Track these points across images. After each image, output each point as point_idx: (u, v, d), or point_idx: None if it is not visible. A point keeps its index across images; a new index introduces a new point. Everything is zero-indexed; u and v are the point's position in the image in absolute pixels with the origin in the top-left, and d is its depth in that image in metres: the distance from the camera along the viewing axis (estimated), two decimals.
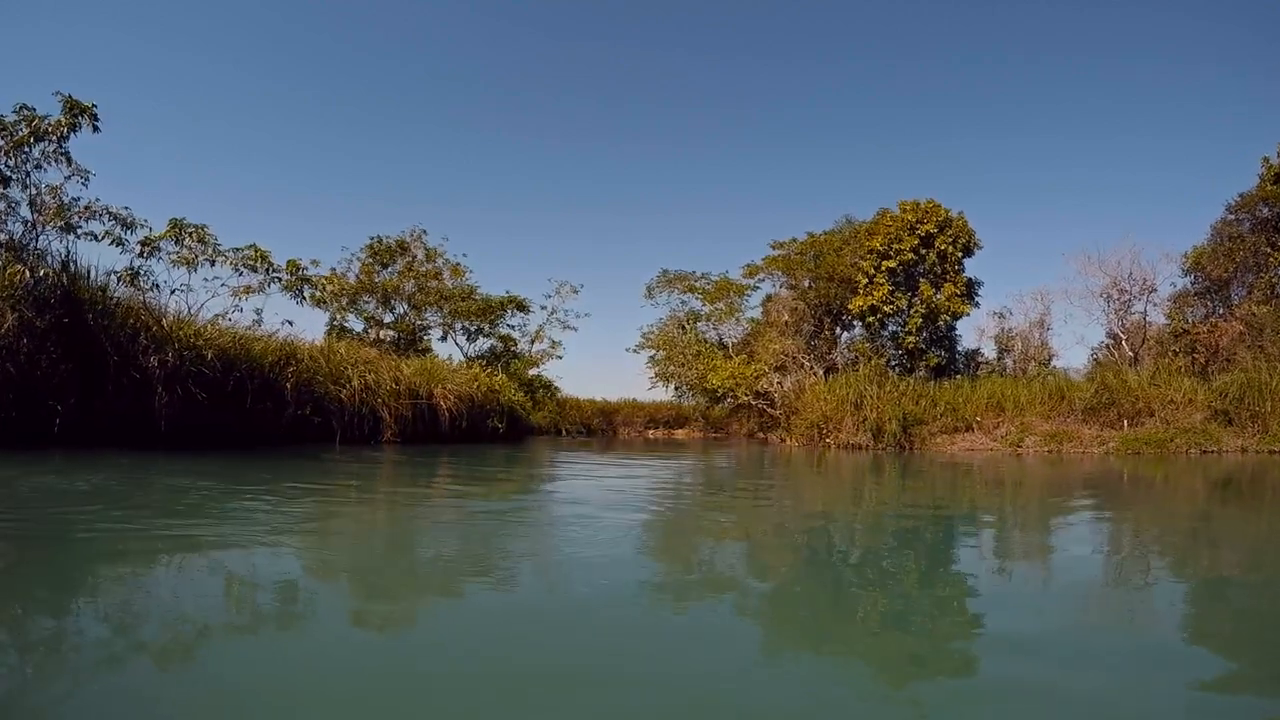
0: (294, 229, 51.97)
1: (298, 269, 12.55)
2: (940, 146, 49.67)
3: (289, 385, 14.15)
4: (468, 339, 28.78)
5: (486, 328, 28.38)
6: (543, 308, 29.96)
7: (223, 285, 12.41)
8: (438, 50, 51.83)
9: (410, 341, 27.53)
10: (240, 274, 12.20)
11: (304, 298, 12.86)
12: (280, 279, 12.57)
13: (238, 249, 11.99)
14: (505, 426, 18.73)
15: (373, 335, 27.81)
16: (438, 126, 53.60)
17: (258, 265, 12.19)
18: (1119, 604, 3.43)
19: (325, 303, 27.96)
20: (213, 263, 11.75)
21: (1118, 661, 2.42)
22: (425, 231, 28.82)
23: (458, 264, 28.43)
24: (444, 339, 29.08)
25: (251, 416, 13.39)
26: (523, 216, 56.57)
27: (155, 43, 42.72)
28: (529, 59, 53.40)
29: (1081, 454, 18.32)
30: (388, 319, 28.36)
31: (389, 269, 28.40)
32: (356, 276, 27.97)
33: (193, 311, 12.39)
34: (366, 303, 27.69)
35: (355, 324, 28.06)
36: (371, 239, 28.49)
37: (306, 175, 51.36)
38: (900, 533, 5.67)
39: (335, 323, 27.61)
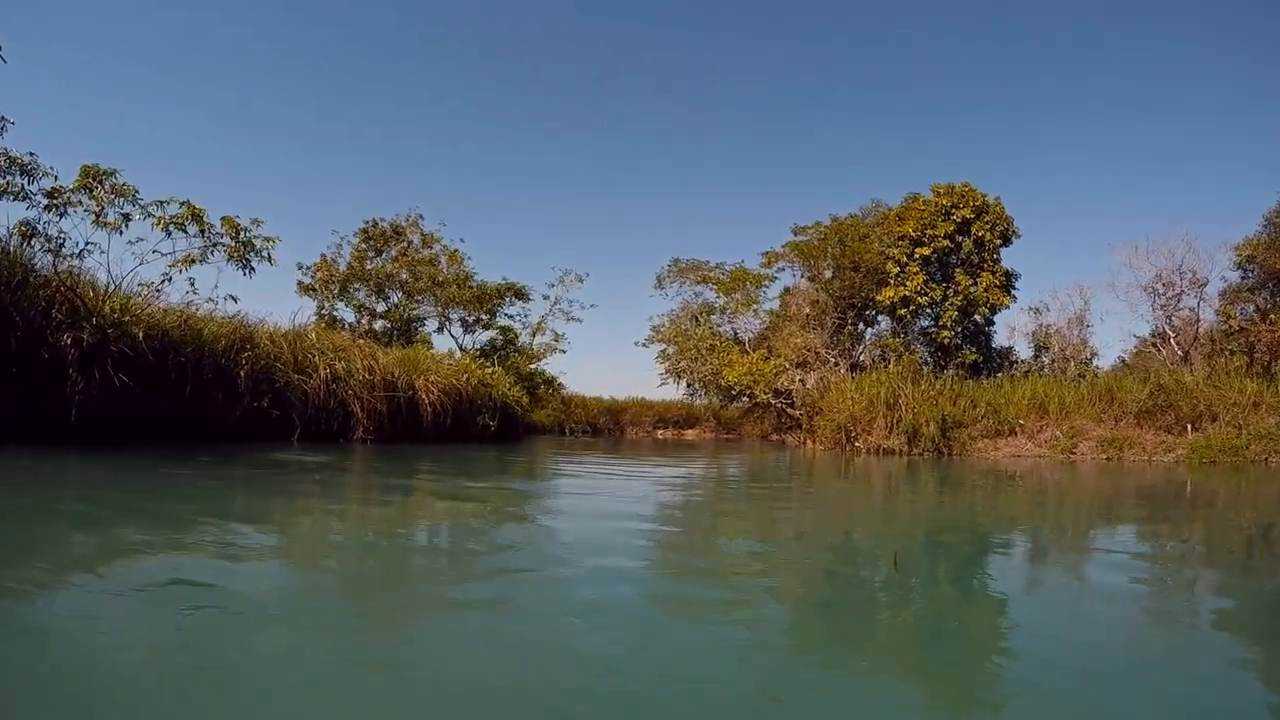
0: (284, 214, 50.08)
1: (238, 230, 10.63)
2: (968, 132, 47.24)
3: (243, 373, 12.31)
4: (465, 330, 26.85)
5: (485, 318, 26.39)
6: (545, 297, 27.96)
7: (154, 251, 10.51)
8: (438, 31, 49.97)
9: (404, 332, 25.72)
10: (170, 236, 10.30)
11: (251, 268, 10.93)
12: (222, 244, 10.67)
13: (161, 202, 10.07)
14: (497, 424, 16.80)
15: (364, 325, 26.04)
16: (436, 111, 51.73)
17: (187, 225, 10.27)
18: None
19: (315, 290, 26.33)
20: (127, 219, 9.82)
21: None
22: (422, 216, 27.02)
23: (455, 250, 26.57)
24: (440, 331, 27.23)
25: (195, 408, 11.55)
26: (524, 206, 54.64)
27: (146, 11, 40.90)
28: (528, 38, 51.47)
29: (1146, 461, 16.26)
30: (381, 308, 26.55)
31: (383, 255, 26.61)
32: (348, 263, 26.20)
33: (117, 282, 10.53)
34: (357, 290, 25.85)
35: (346, 313, 26.25)
36: (365, 223, 26.70)
37: (299, 156, 49.52)
38: (981, 581, 3.72)
39: (325, 311, 25.82)
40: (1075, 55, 44.15)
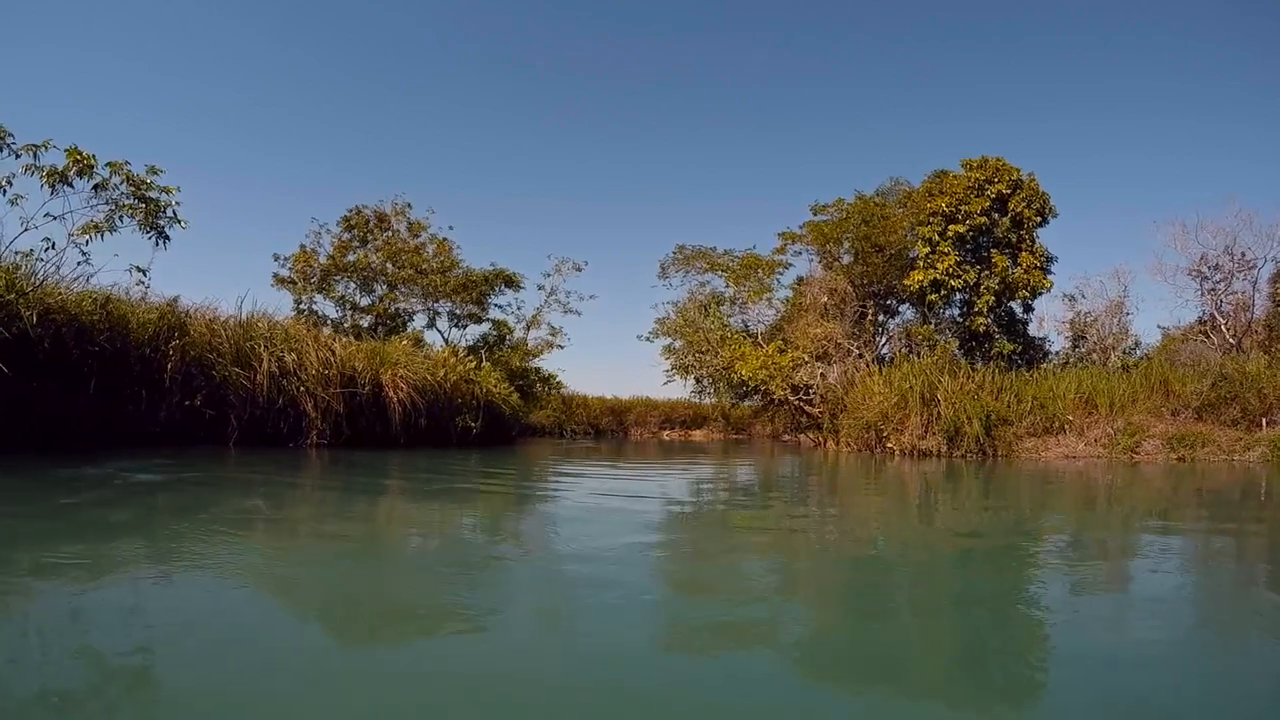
0: (280, 212, 48.11)
1: (138, 185, 8.60)
2: (974, 120, 44.81)
3: (170, 365, 10.35)
4: (455, 325, 24.79)
5: (475, 310, 24.34)
6: (540, 288, 25.88)
7: (47, 215, 8.53)
8: (436, 31, 47.92)
9: (391, 327, 23.76)
10: (56, 192, 8.32)
11: (165, 236, 8.94)
12: (125, 203, 8.66)
13: (35, 146, 8.04)
14: (484, 426, 14.76)
15: (350, 320, 24.14)
16: (435, 109, 49.66)
17: (73, 179, 8.28)
18: None
19: (294, 282, 24.39)
20: None
21: None
22: (410, 205, 24.99)
23: (444, 239, 24.56)
24: (430, 325, 25.20)
25: (108, 406, 9.61)
26: (520, 202, 52.45)
27: None
28: (527, 30, 49.34)
29: (1226, 462, 14.18)
30: (365, 302, 24.58)
31: (369, 245, 24.64)
32: (328, 254, 24.24)
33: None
34: (338, 282, 23.89)
35: (327, 308, 24.28)
36: (349, 211, 24.72)
37: (296, 155, 47.49)
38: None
39: (304, 306, 23.89)
40: (1083, 46, 41.83)
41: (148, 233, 8.90)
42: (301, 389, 11.29)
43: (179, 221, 9.08)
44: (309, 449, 11.16)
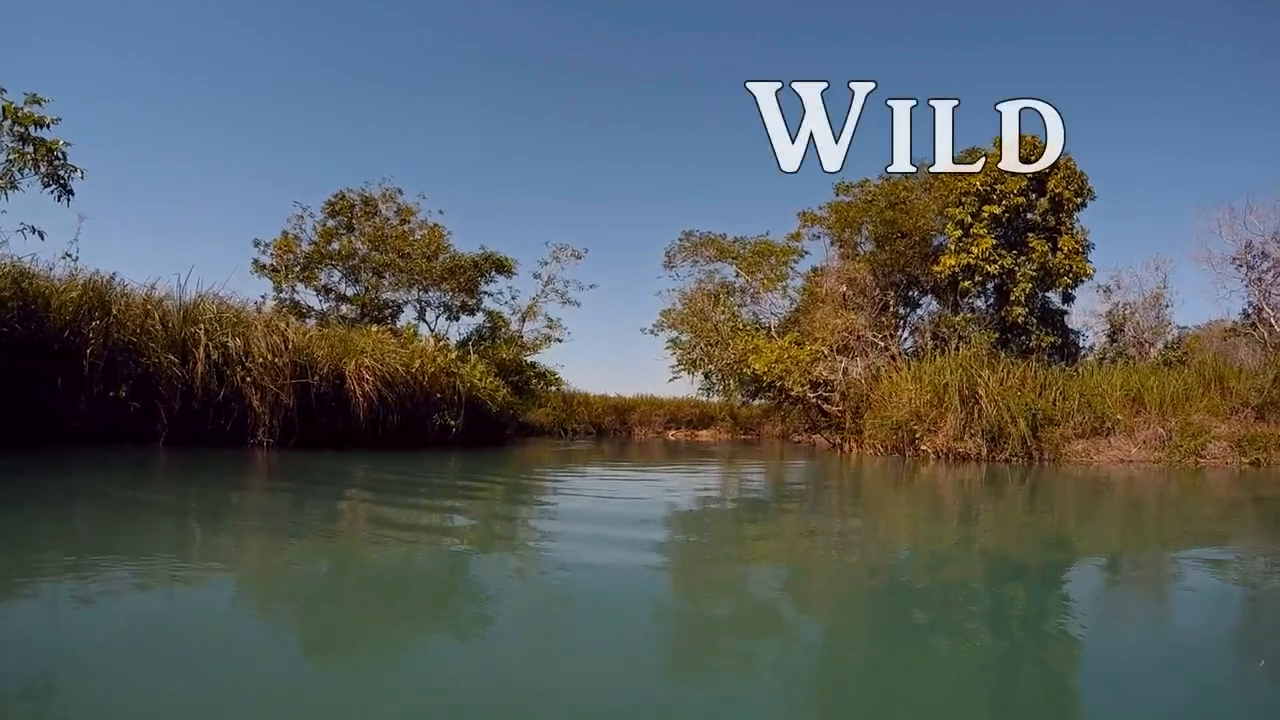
0: (266, 207, 46.52)
1: (18, 119, 6.97)
2: (989, 109, 42.62)
3: (89, 350, 8.79)
4: (447, 316, 23.16)
5: (468, 300, 22.69)
6: (536, 276, 24.20)
7: None
8: (436, 30, 46.17)
9: (378, 319, 22.19)
10: None
11: (68, 190, 7.35)
12: (13, 148, 7.08)
13: None
14: (467, 425, 13.13)
15: (335, 311, 22.61)
16: (429, 101, 47.95)
17: None
18: None
19: (275, 270, 22.89)
20: None
21: None
22: (400, 191, 23.37)
23: (436, 225, 22.94)
24: (420, 318, 23.59)
25: (9, 397, 8.06)
26: (520, 201, 50.61)
27: None
28: (527, 30, 47.59)
29: None
30: (351, 292, 23.01)
31: (354, 232, 23.06)
32: (311, 240, 22.69)
33: None
34: (320, 269, 22.32)
35: (309, 297, 22.73)
36: (333, 196, 23.15)
37: (281, 148, 45.82)
38: None
39: (285, 296, 22.35)
40: (1084, 46, 39.78)
41: (50, 186, 7.32)
42: (247, 379, 9.69)
43: (75, 170, 7.49)
44: (254, 449, 9.57)
